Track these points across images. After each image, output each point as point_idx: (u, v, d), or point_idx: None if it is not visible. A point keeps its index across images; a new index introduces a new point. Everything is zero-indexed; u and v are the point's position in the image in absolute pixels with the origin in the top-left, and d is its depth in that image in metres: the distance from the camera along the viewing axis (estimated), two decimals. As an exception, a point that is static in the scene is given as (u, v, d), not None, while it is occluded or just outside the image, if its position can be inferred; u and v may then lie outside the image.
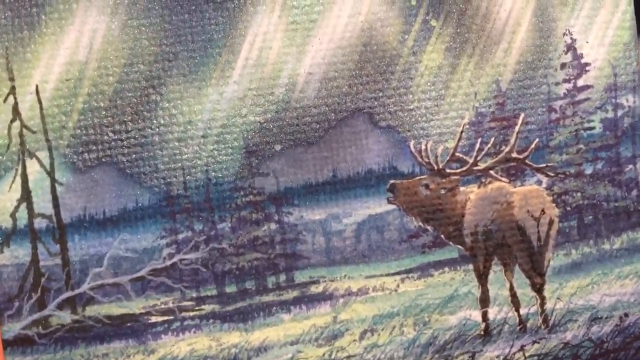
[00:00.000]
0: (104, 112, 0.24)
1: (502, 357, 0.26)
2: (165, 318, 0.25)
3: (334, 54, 0.25)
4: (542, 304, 0.26)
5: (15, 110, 0.24)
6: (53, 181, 0.24)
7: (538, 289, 0.26)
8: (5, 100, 0.24)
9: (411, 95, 0.25)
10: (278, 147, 0.25)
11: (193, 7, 0.24)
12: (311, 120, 0.25)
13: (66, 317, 0.25)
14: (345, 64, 0.25)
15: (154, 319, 0.25)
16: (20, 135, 0.24)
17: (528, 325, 0.26)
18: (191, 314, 0.25)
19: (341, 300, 0.26)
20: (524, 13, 0.25)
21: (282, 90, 0.25)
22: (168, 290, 0.25)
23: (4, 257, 0.24)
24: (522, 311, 0.26)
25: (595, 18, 0.26)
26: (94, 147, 0.24)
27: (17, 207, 0.24)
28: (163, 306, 0.25)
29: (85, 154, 0.24)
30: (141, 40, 0.24)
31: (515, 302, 0.26)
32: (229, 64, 0.24)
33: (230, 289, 0.25)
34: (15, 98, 0.24)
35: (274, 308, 0.25)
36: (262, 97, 0.25)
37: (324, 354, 0.26)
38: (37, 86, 0.24)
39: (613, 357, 0.27)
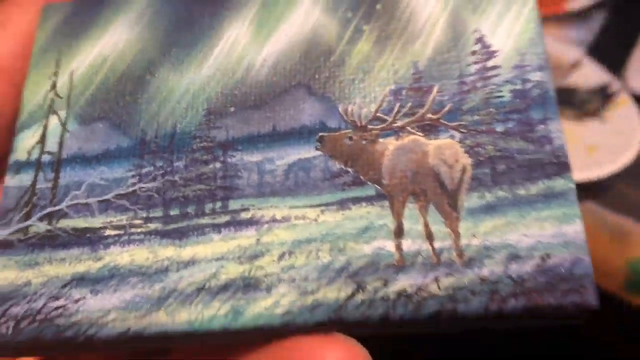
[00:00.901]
0: (111, 87, 0.32)
1: (415, 287, 0.25)
2: (117, 232, 0.29)
3: (285, 47, 0.32)
4: (457, 239, 0.26)
5: (53, 85, 0.33)
6: (64, 129, 0.32)
7: (453, 227, 0.26)
8: (49, 79, 0.33)
9: (343, 73, 0.31)
10: (232, 109, 0.31)
11: (189, 27, 0.33)
12: (260, 92, 0.31)
13: (42, 227, 0.29)
14: (292, 53, 0.31)
15: (107, 233, 0.29)
16: (51, 99, 0.33)
17: (442, 258, 0.26)
18: (138, 230, 0.29)
19: (265, 225, 0.28)
20: (439, 18, 0.31)
21: (241, 71, 0.31)
22: (125, 211, 0.29)
23: (13, 181, 0.31)
24: (436, 245, 0.26)
25: (502, 21, 0.31)
26: (98, 107, 0.32)
27: (33, 147, 0.31)
28: (118, 223, 0.29)
29: (91, 112, 0.32)
30: (148, 44, 0.33)
31: (429, 235, 0.26)
32: (205, 56, 0.32)
33: (174, 212, 0.29)
34: (56, 77, 0.33)
35: (207, 229, 0.28)
36: (225, 75, 0.31)
37: (243, 271, 0.27)
38: (72, 71, 0.33)
39: (536, 296, 0.25)
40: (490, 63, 0.30)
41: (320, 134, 0.29)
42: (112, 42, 0.33)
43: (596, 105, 0.68)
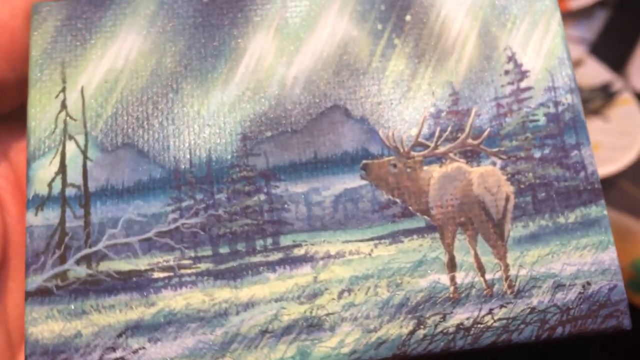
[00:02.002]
0: (131, 106, 0.30)
1: (472, 320, 0.27)
2: (166, 274, 0.28)
3: (316, 63, 0.30)
4: (506, 270, 0.28)
5: (63, 104, 0.30)
6: (85, 158, 0.29)
7: (501, 257, 0.28)
8: (56, 97, 0.30)
9: (379, 93, 0.30)
10: (268, 134, 0.29)
11: (206, 34, 0.30)
12: (296, 114, 0.30)
13: (82, 271, 0.28)
14: (324, 70, 0.30)
15: (156, 275, 0.28)
16: (64, 122, 0.30)
17: (494, 290, 0.28)
18: (188, 271, 0.28)
19: (321, 262, 0.28)
20: (470, 33, 0.31)
21: (273, 89, 0.30)
22: (170, 250, 0.28)
23: (37, 219, 0.28)
24: (488, 277, 0.27)
25: (530, 37, 0.31)
26: (120, 132, 0.29)
27: (53, 179, 0.29)
28: (165, 264, 0.28)
29: (113, 137, 0.29)
30: (166, 54, 0.30)
31: (480, 267, 0.28)
32: (231, 71, 0.30)
33: (224, 250, 0.28)
34: (64, 95, 0.30)
35: (261, 268, 0.28)
36: (256, 94, 0.30)
37: (305, 311, 0.27)
38: (82, 87, 0.30)
39: (580, 323, 0.27)
40: (523, 84, 0.30)
41: (364, 161, 0.29)
42: (123, 52, 0.30)
43: (599, 104, 0.67)
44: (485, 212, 0.28)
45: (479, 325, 0.27)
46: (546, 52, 0.30)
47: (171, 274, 0.27)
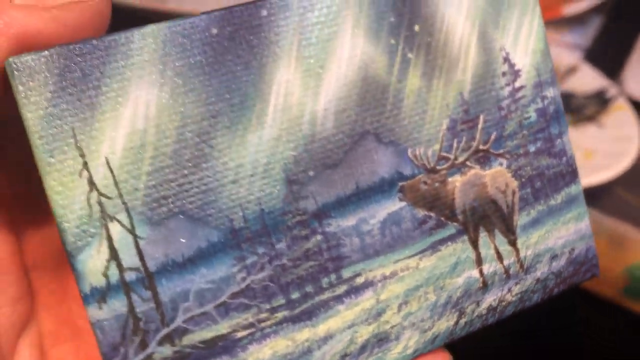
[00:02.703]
0: (167, 170, 0.27)
1: (497, 300, 0.33)
2: (248, 332, 0.28)
3: (341, 90, 0.30)
4: (517, 254, 0.33)
5: (91, 182, 0.26)
6: (135, 237, 0.27)
7: (513, 244, 0.33)
8: (80, 175, 0.26)
9: (402, 113, 0.31)
10: (311, 173, 0.29)
11: (225, 70, 0.28)
12: (332, 147, 0.30)
13: (167, 351, 0.27)
14: (350, 97, 0.30)
15: (239, 335, 0.28)
16: (99, 203, 0.27)
17: (510, 272, 0.33)
18: (268, 323, 0.29)
19: (379, 284, 0.31)
20: (471, 39, 0.32)
21: (306, 126, 0.29)
22: (246, 308, 0.28)
23: (103, 313, 0.27)
24: (505, 262, 0.33)
25: (519, 35, 0.33)
26: (164, 201, 0.27)
27: (107, 267, 0.27)
28: (244, 322, 0.28)
29: (158, 208, 0.27)
30: (188, 103, 0.27)
31: (499, 257, 0.33)
32: (262, 111, 0.28)
33: (295, 295, 0.29)
34: (89, 171, 0.26)
35: (331, 302, 0.30)
36: (292, 134, 0.29)
37: (373, 330, 0.31)
38: (106, 158, 0.26)
39: (569, 281, 0.35)
40: (517, 84, 0.33)
41: (400, 184, 0.30)
42: (141, 111, 0.26)
43: (593, 110, 0.65)
44: (498, 209, 0.32)
45: (502, 303, 0.33)
46: (532, 48, 0.33)
47: (253, 329, 0.28)
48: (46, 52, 0.25)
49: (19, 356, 0.31)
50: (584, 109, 0.67)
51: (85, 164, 0.26)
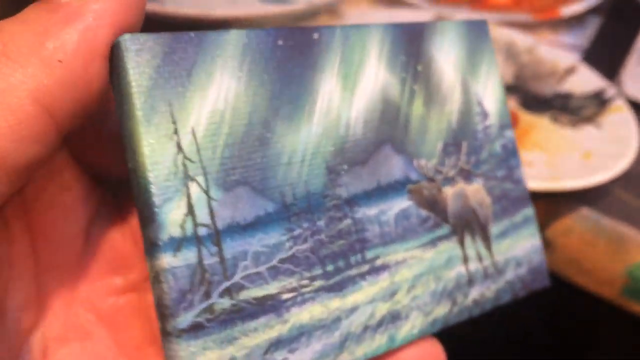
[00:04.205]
0: (237, 146, 0.31)
1: (479, 295, 0.38)
2: (292, 294, 0.32)
3: (368, 104, 0.36)
4: (492, 257, 0.39)
5: (179, 146, 0.30)
6: (209, 198, 0.30)
7: (489, 248, 0.40)
8: (171, 139, 0.29)
9: (410, 132, 0.38)
10: (345, 167, 0.35)
11: (285, 73, 0.33)
12: (360, 150, 0.35)
13: (226, 302, 0.30)
14: (375, 111, 0.36)
15: (285, 296, 0.31)
16: (184, 164, 0.30)
17: (488, 272, 0.39)
18: (308, 289, 0.32)
19: (393, 268, 0.35)
20: (455, 82, 0.40)
21: (342, 129, 0.35)
22: (292, 274, 0.32)
23: (177, 260, 0.29)
24: (484, 263, 0.39)
25: (487, 86, 0.42)
26: (233, 172, 0.31)
27: (184, 220, 0.29)
28: (290, 285, 0.32)
29: (229, 177, 0.31)
30: (257, 95, 0.32)
31: (479, 258, 0.39)
32: (311, 111, 0.34)
33: (329, 268, 0.33)
34: (178, 136, 0.30)
35: (357, 278, 0.34)
36: (332, 132, 0.34)
37: (389, 307, 0.35)
38: (192, 128, 0.30)
39: (528, 287, 0.41)
40: (487, 122, 0.41)
41: (409, 186, 0.36)
42: (222, 94, 0.31)
43: (591, 111, 0.64)
44: (477, 219, 0.39)
45: (483, 298, 0.38)
46: (496, 98, 0.42)
47: (295, 293, 0.32)
48: (155, 35, 0.29)
49: None
50: (582, 109, 0.65)
51: (175, 130, 0.29)
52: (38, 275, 0.32)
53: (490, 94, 0.41)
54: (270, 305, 0.31)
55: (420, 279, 0.36)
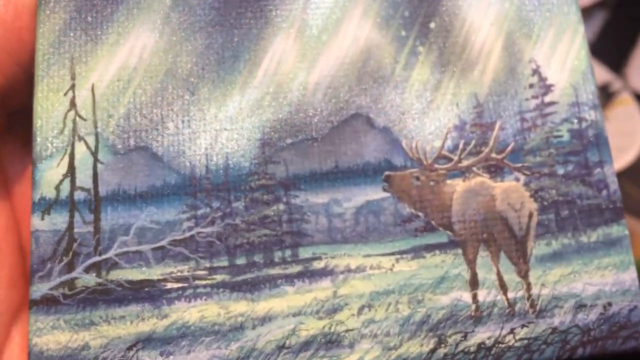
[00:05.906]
0: (145, 107, 0.27)
1: (493, 339, 0.26)
2: (180, 285, 0.25)
3: (338, 69, 0.28)
4: (528, 289, 0.26)
5: (72, 102, 0.27)
6: (96, 160, 0.27)
7: (523, 275, 0.26)
8: (65, 94, 0.27)
9: (403, 103, 0.28)
10: (289, 140, 0.27)
11: (224, 32, 0.28)
12: (317, 121, 0.28)
13: (91, 280, 0.25)
14: (347, 77, 0.28)
15: (169, 286, 0.25)
16: (74, 122, 0.27)
17: (516, 309, 0.26)
18: (203, 282, 0.26)
19: (341, 276, 0.26)
20: (495, 44, 0.29)
21: (294, 94, 0.28)
22: (184, 260, 0.26)
23: (44, 224, 0.26)
24: (510, 295, 0.26)
25: (555, 51, 0.29)
26: (133, 134, 0.27)
27: (61, 181, 0.26)
28: (179, 274, 0.26)
29: (126, 140, 0.27)
30: (182, 54, 0.28)
31: (502, 285, 0.26)
32: (250, 74, 0.28)
33: (240, 261, 0.26)
34: (73, 93, 0.27)
35: (279, 281, 0.26)
36: (276, 99, 0.28)
37: (324, 327, 0.25)
38: (93, 85, 0.27)
39: (601, 344, 0.26)
40: (547, 98, 0.28)
41: (386, 173, 0.27)
42: (137, 50, 0.27)
43: None
44: (508, 229, 0.27)
45: (500, 345, 0.25)
46: (571, 66, 0.28)
47: (185, 284, 0.25)
48: None
49: (12, 342, 0.30)
50: (590, 103, 0.67)
51: (73, 86, 0.27)
52: (26, 255, 0.32)
53: (559, 61, 0.28)
54: (146, 293, 0.25)
55: (382, 298, 0.25)
